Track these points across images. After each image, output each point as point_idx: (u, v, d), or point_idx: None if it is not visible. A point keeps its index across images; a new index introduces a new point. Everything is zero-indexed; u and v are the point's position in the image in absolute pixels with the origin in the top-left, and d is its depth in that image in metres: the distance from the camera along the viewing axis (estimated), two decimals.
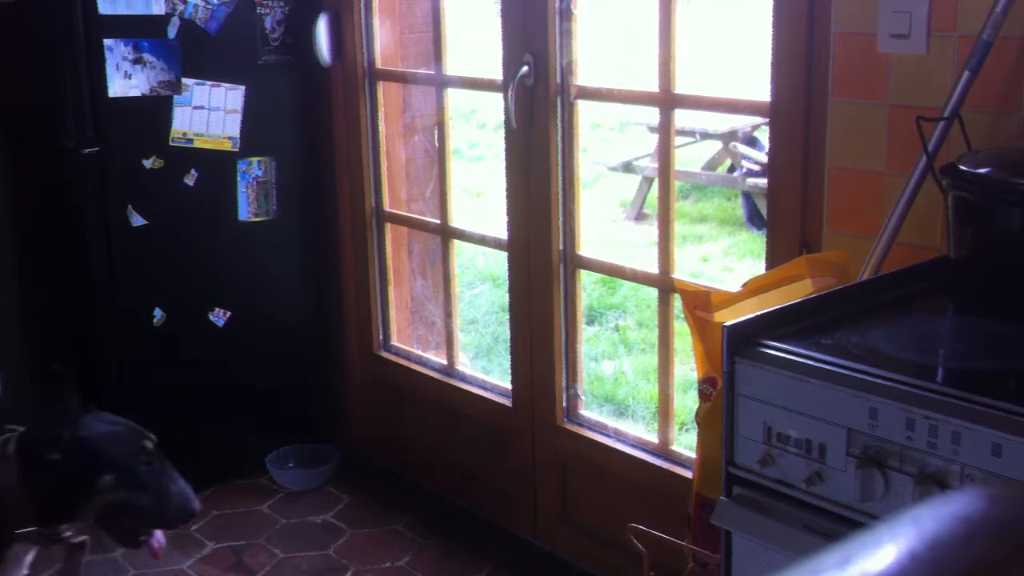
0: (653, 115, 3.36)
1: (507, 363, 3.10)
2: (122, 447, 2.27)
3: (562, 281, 2.86)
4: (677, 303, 2.59)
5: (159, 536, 2.32)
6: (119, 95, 3.05)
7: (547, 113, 2.76)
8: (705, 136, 6.73)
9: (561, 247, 2.84)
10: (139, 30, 3.05)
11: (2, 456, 2.20)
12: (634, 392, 4.39)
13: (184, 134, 3.16)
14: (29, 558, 2.30)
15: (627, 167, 7.10)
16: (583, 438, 2.87)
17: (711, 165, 7.05)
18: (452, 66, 3.14)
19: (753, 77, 2.86)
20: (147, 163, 3.13)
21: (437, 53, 3.15)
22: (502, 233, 2.98)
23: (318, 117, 3.43)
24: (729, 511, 1.64)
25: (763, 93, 2.33)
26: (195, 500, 2.32)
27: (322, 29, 3.30)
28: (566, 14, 2.73)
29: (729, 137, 6.68)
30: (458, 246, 3.31)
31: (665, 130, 2.64)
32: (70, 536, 2.26)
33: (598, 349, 4.82)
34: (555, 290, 2.86)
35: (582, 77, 2.77)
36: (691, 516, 2.10)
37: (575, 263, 2.87)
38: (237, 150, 3.26)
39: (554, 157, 2.79)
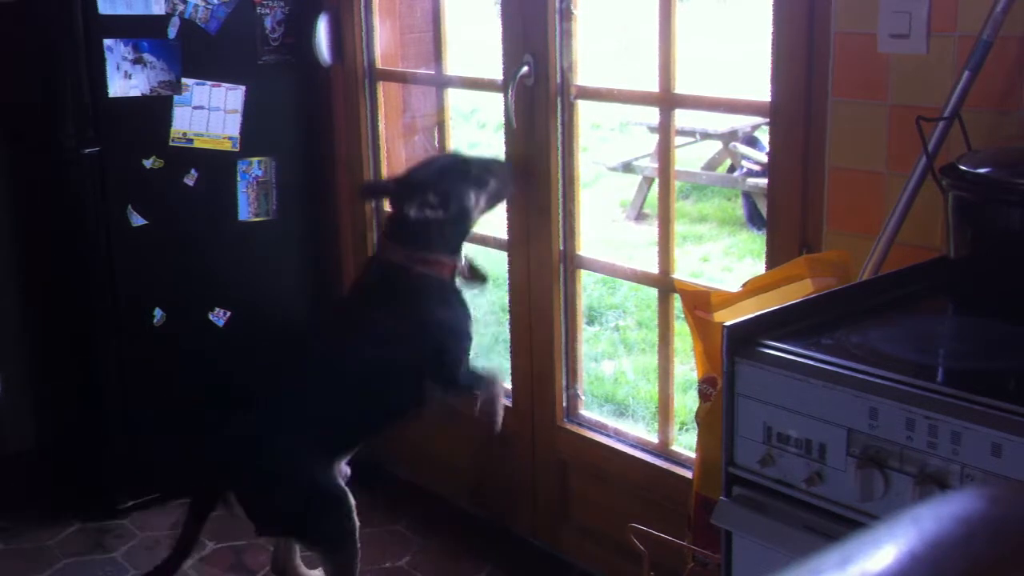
0: (653, 115, 3.36)
1: (507, 363, 3.10)
2: (456, 171, 2.69)
3: (562, 281, 2.86)
4: (677, 303, 2.59)
5: None
6: (119, 95, 3.05)
7: (547, 113, 2.76)
8: (705, 136, 6.73)
9: (561, 247, 2.84)
10: (139, 30, 3.05)
11: (396, 234, 2.68)
12: (634, 392, 4.39)
13: (184, 134, 3.16)
14: None
15: (627, 167, 7.10)
16: (583, 438, 2.88)
17: (711, 165, 7.04)
18: (452, 66, 3.14)
19: (753, 77, 2.86)
20: (147, 163, 3.13)
21: (437, 53, 3.15)
22: (502, 233, 2.98)
23: (318, 117, 3.43)
24: (729, 511, 1.64)
25: (763, 93, 2.33)
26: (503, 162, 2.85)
27: (322, 29, 3.30)
28: (566, 14, 2.73)
29: (729, 137, 6.68)
30: None
31: (665, 130, 2.64)
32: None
33: (598, 349, 4.82)
34: (555, 290, 2.86)
35: (582, 77, 2.77)
36: (691, 516, 2.10)
37: (575, 263, 2.86)
38: (237, 150, 3.26)
39: (554, 157, 2.79)
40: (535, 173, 2.82)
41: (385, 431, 2.80)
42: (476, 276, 2.79)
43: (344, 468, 2.71)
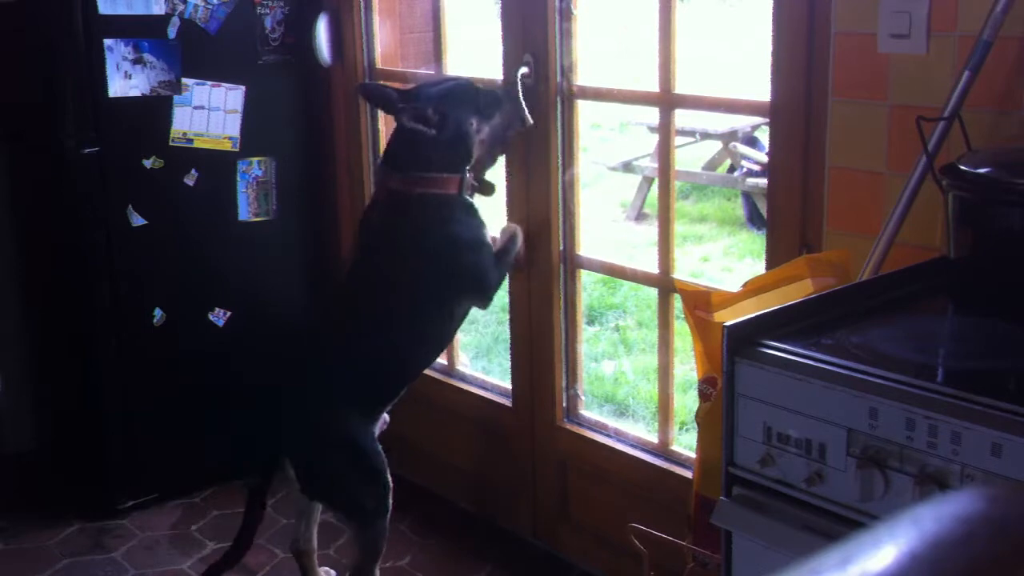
0: (653, 115, 3.35)
1: (507, 363, 3.10)
2: (462, 95, 2.64)
3: (562, 281, 2.86)
4: (677, 303, 2.59)
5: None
6: (119, 95, 3.05)
7: (547, 113, 2.76)
8: (705, 136, 6.73)
9: (561, 247, 2.84)
10: (139, 30, 3.05)
11: (393, 159, 2.64)
12: (634, 392, 4.39)
13: (184, 134, 3.16)
14: None
15: (627, 167, 7.10)
16: (583, 438, 2.88)
17: (711, 165, 7.04)
18: (452, 66, 3.14)
19: (753, 77, 2.86)
20: (147, 163, 3.13)
21: (437, 53, 3.15)
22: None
23: (318, 117, 3.43)
24: (729, 511, 1.64)
25: (763, 93, 2.33)
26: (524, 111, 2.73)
27: (322, 29, 3.30)
28: (566, 14, 2.73)
29: (729, 137, 6.68)
30: None
31: (665, 130, 2.64)
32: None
33: (598, 349, 4.82)
34: (555, 290, 2.86)
35: (582, 77, 2.77)
36: (691, 516, 2.10)
37: (575, 263, 2.87)
38: (237, 150, 3.26)
39: (554, 157, 2.79)
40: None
41: (423, 367, 2.77)
42: (485, 187, 2.75)
43: (385, 416, 2.71)
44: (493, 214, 2.87)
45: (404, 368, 2.67)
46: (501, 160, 2.86)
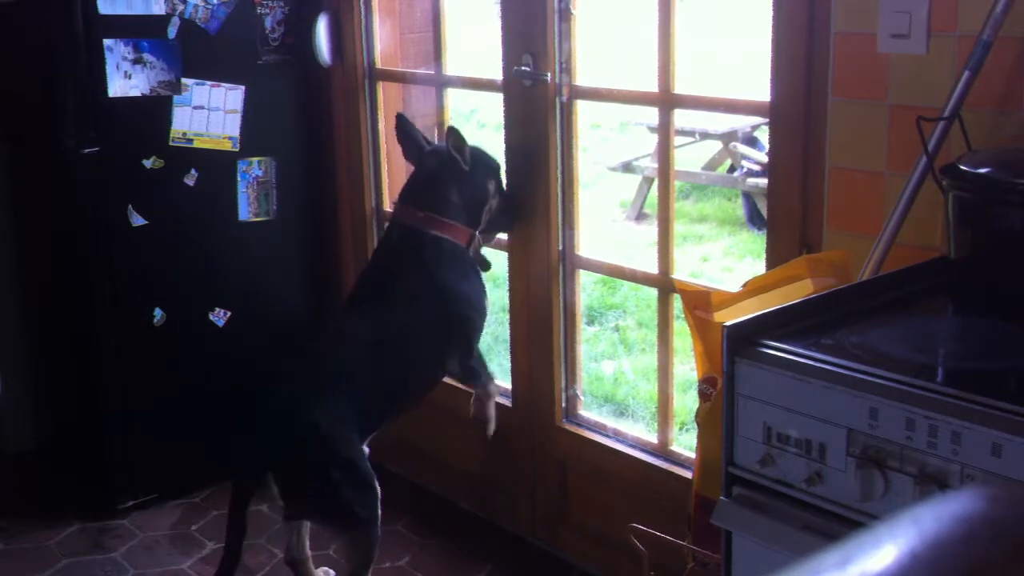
0: (653, 115, 3.35)
1: (507, 363, 3.11)
2: (487, 160, 2.80)
3: (562, 281, 2.86)
4: (677, 303, 2.59)
5: None
6: (119, 95, 3.05)
7: (546, 113, 2.76)
8: (705, 136, 6.73)
9: (560, 247, 2.84)
10: (139, 30, 3.05)
11: (412, 196, 2.76)
12: (634, 392, 4.39)
13: (184, 134, 3.16)
14: None
15: (627, 167, 7.10)
16: (583, 438, 2.88)
17: (711, 165, 7.04)
18: (452, 66, 3.14)
19: (753, 77, 2.86)
20: (147, 163, 3.13)
21: (437, 53, 3.15)
22: (502, 233, 2.98)
23: (318, 117, 3.43)
24: (729, 511, 1.64)
25: (763, 93, 2.33)
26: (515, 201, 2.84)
27: (322, 29, 3.30)
28: (565, 14, 2.73)
29: (729, 137, 6.67)
30: None
31: (665, 130, 2.64)
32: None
33: (598, 349, 4.82)
34: (554, 290, 2.86)
35: (581, 77, 2.77)
36: (691, 516, 2.10)
37: (575, 263, 2.86)
38: (237, 150, 3.26)
39: (553, 157, 2.79)
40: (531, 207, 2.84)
41: (411, 405, 2.82)
42: (481, 261, 2.83)
43: (365, 448, 2.71)
44: None
45: (394, 399, 2.72)
46: (501, 171, 2.88)
